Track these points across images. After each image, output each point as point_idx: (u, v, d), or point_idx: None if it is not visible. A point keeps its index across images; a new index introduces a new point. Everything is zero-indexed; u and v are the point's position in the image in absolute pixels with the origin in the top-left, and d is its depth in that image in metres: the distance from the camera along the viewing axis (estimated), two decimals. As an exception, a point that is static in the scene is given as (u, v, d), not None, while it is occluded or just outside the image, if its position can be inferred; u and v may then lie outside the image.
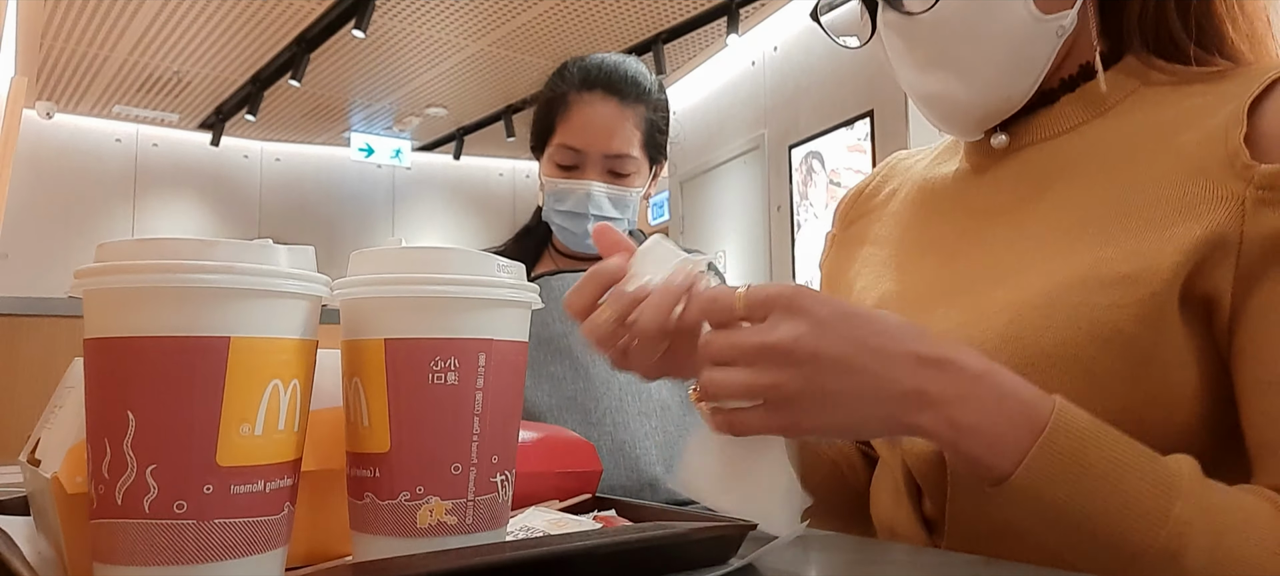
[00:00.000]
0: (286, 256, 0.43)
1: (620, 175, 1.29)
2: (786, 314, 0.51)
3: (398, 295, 0.48)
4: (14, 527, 0.55)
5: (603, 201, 1.28)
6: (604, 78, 1.29)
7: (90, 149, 7.05)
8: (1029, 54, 0.66)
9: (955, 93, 0.68)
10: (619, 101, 1.28)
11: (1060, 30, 0.65)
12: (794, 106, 4.92)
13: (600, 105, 1.28)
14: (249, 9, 5.20)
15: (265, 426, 0.41)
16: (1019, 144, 0.71)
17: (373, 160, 7.63)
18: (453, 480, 0.47)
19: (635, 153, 1.29)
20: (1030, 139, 0.70)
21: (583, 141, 1.27)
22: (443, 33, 5.56)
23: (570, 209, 1.28)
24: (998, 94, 0.68)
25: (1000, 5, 0.65)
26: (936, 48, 0.68)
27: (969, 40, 0.66)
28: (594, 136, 1.27)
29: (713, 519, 0.56)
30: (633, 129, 1.29)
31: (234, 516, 0.40)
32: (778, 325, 0.51)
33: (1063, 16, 0.65)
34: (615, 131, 1.28)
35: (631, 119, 1.29)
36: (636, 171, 1.30)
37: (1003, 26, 0.65)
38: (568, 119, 1.29)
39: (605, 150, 1.27)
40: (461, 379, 0.48)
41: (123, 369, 0.40)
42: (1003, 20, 0.65)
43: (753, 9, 5.17)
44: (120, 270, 0.40)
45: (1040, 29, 0.65)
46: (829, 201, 4.59)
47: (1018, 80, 0.67)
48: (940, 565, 0.56)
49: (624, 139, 1.28)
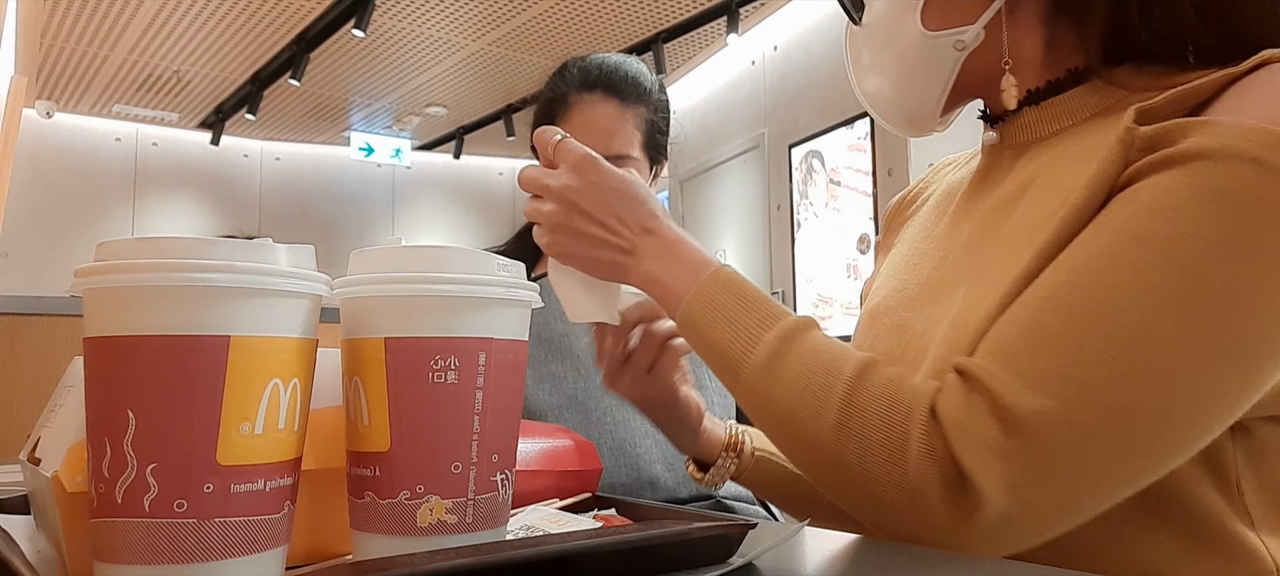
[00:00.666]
0: (286, 255, 0.43)
1: None
2: (571, 169, 0.69)
3: (398, 294, 0.48)
4: (14, 526, 0.55)
5: None
6: (605, 78, 1.29)
7: (90, 148, 7.05)
8: (928, 67, 0.71)
9: (884, 93, 0.75)
10: (620, 102, 1.28)
11: (959, 44, 0.69)
12: (794, 106, 4.92)
13: (601, 106, 1.28)
14: (249, 9, 5.19)
15: (265, 425, 0.41)
16: (1013, 142, 0.72)
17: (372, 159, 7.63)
18: (453, 479, 0.47)
19: (636, 153, 1.28)
20: (1022, 138, 0.71)
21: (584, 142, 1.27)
22: (443, 32, 5.56)
23: None
24: (912, 99, 0.73)
25: (900, 21, 0.71)
26: (869, 54, 0.75)
27: (885, 49, 0.73)
28: (595, 138, 1.26)
29: (713, 519, 0.56)
30: (633, 130, 1.28)
31: (234, 515, 0.40)
32: (561, 175, 0.70)
33: (960, 32, 0.68)
34: (616, 132, 1.27)
35: (632, 120, 1.28)
36: (638, 172, 1.29)
37: (903, 40, 0.71)
38: (568, 120, 1.28)
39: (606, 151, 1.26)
40: (461, 378, 0.48)
41: (123, 368, 0.40)
42: (902, 35, 0.71)
43: (753, 9, 5.16)
44: (120, 269, 0.40)
45: (934, 44, 0.69)
46: (829, 200, 4.59)
47: (924, 89, 0.72)
48: (940, 565, 0.56)
49: (625, 140, 1.28)
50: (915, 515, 0.55)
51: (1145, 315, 0.51)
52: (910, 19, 0.69)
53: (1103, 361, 0.51)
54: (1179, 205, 0.52)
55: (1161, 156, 0.54)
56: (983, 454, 0.52)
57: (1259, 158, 0.51)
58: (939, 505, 0.54)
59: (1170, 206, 0.52)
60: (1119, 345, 0.51)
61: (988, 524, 0.53)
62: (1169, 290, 0.51)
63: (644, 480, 1.21)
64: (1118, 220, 0.54)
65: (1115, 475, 0.53)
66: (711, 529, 0.53)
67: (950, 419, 0.54)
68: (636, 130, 1.29)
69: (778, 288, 4.92)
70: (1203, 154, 0.52)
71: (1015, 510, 0.52)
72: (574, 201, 0.68)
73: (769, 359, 0.61)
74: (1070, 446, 0.51)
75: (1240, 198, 0.51)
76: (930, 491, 0.54)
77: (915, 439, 0.54)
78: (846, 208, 4.45)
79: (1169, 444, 0.53)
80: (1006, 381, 0.53)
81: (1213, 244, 0.51)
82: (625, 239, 0.69)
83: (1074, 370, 0.52)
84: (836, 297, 4.48)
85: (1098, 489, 0.53)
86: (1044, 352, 0.53)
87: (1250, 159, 0.51)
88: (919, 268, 0.76)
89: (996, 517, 0.53)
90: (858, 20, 0.75)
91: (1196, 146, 0.53)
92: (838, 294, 4.47)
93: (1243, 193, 0.51)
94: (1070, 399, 0.51)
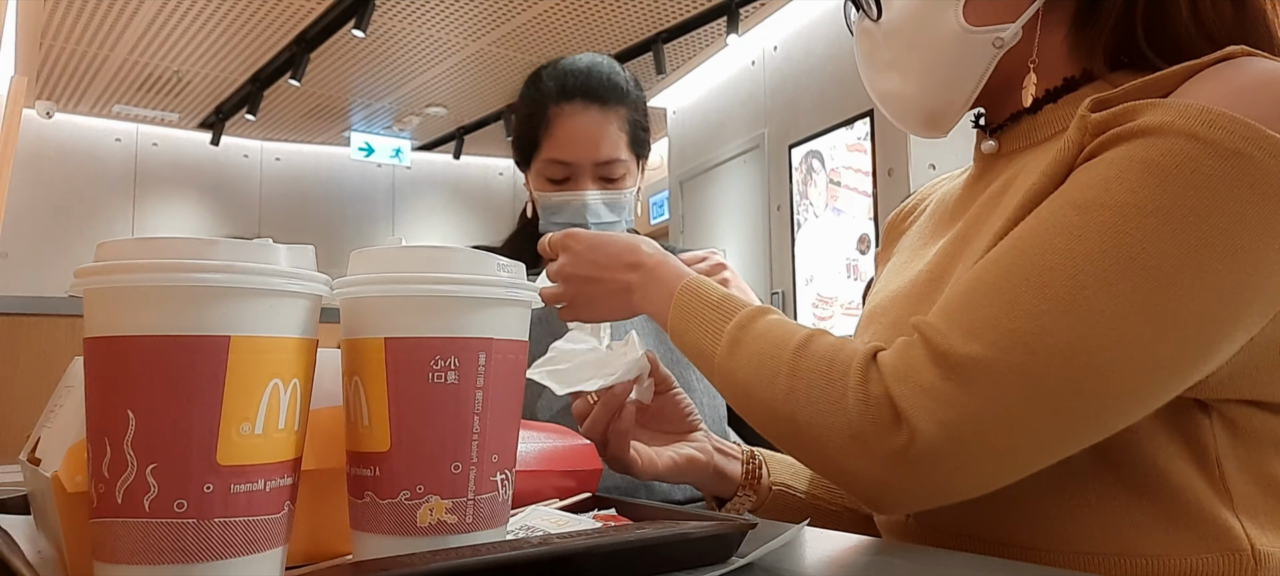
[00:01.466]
0: (286, 255, 0.43)
1: (612, 180, 1.27)
2: (562, 249, 0.82)
3: (398, 294, 0.48)
4: (14, 527, 0.55)
5: (599, 208, 1.27)
6: (581, 86, 1.27)
7: (90, 148, 7.05)
8: (963, 63, 0.70)
9: (904, 93, 0.74)
10: (600, 108, 1.26)
11: (997, 42, 0.68)
12: (794, 106, 4.92)
13: (583, 115, 1.26)
14: (249, 9, 5.20)
15: (265, 425, 0.41)
16: (1007, 149, 0.74)
17: (373, 159, 7.63)
18: (453, 479, 0.47)
19: (623, 155, 1.27)
20: (1015, 146, 0.73)
21: (571, 154, 1.25)
22: (443, 32, 5.56)
23: (567, 220, 1.26)
24: (938, 98, 0.72)
25: (936, 16, 0.69)
26: (890, 51, 0.73)
27: (912, 46, 0.71)
28: (582, 148, 1.25)
29: (713, 519, 0.56)
30: (618, 132, 1.27)
31: (234, 515, 0.40)
32: (557, 262, 0.82)
33: (1000, 29, 0.68)
34: (602, 138, 1.26)
35: (615, 122, 1.27)
36: (627, 173, 1.29)
37: (938, 35, 0.69)
38: (552, 133, 1.27)
39: (594, 159, 1.25)
40: (462, 378, 0.48)
41: (123, 368, 0.40)
42: (938, 30, 0.69)
43: (753, 9, 5.16)
44: (120, 269, 0.40)
45: (973, 40, 0.69)
46: (829, 201, 4.59)
47: (954, 87, 0.71)
48: (940, 565, 0.56)
49: (611, 144, 1.26)
50: (859, 457, 0.58)
51: (1077, 273, 0.54)
52: (950, 14, 0.68)
53: (1033, 315, 0.55)
54: (1118, 176, 0.55)
55: (1112, 134, 0.57)
56: (917, 393, 0.56)
57: (1198, 134, 0.53)
58: (877, 444, 0.57)
59: (1110, 177, 0.55)
60: (1050, 300, 0.54)
61: (922, 460, 0.56)
62: (1101, 249, 0.54)
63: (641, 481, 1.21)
64: (1065, 193, 0.58)
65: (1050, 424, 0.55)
66: (711, 529, 0.53)
67: (889, 364, 0.58)
68: (621, 132, 1.27)
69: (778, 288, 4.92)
70: (1147, 130, 0.55)
71: (948, 447, 0.55)
72: (573, 273, 0.80)
73: (730, 346, 0.67)
74: (1000, 390, 0.54)
75: (1176, 169, 0.53)
76: (868, 431, 0.57)
77: (853, 386, 0.59)
78: (846, 208, 4.45)
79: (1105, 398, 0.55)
80: (945, 331, 0.57)
81: (1146, 210, 0.53)
82: (619, 280, 0.78)
83: (1007, 321, 0.55)
84: (837, 298, 4.48)
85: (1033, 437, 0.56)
86: (983, 306, 0.57)
87: (1189, 134, 0.54)
88: (914, 269, 0.77)
89: (930, 453, 0.56)
90: (876, 16, 0.73)
91: (1143, 124, 0.56)
92: (838, 294, 4.47)
93: (1179, 165, 0.53)
94: (1001, 346, 0.55)
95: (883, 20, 0.73)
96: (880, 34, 0.74)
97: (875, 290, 0.84)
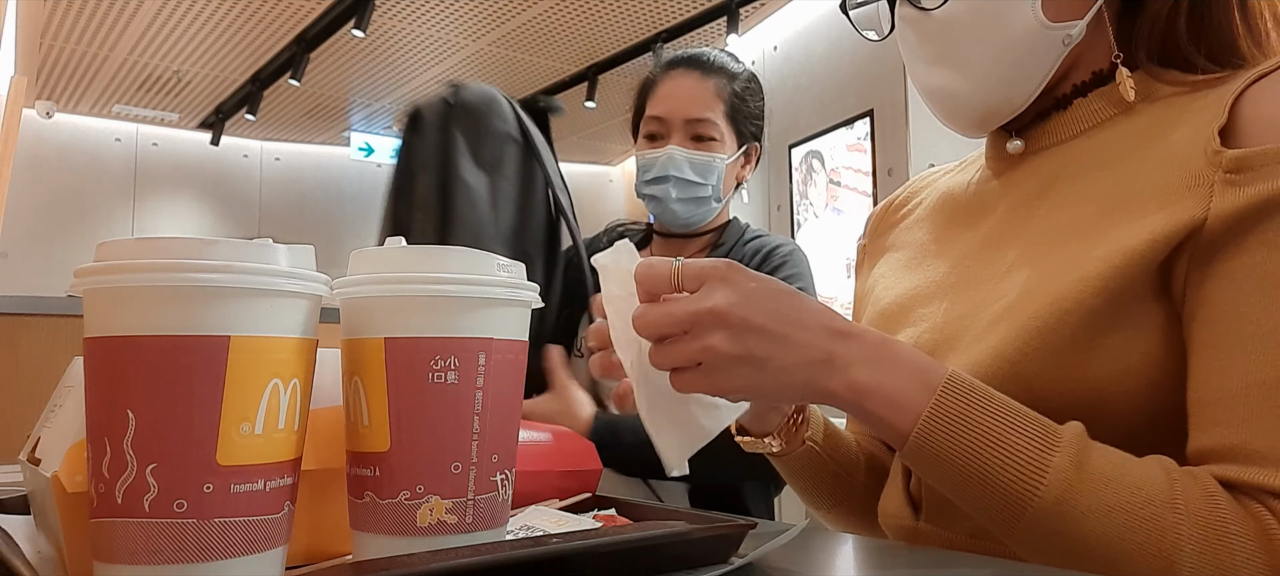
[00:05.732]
0: (286, 255, 0.43)
1: (702, 139, 1.31)
2: (721, 283, 0.55)
3: (398, 294, 0.48)
4: (14, 527, 0.55)
5: (683, 164, 1.29)
6: (687, 58, 1.34)
7: (90, 148, 7.04)
8: (1033, 59, 0.68)
9: (959, 89, 0.70)
10: (700, 73, 1.32)
11: (1067, 39, 0.67)
12: (794, 106, 4.91)
13: (682, 77, 1.32)
14: (249, 9, 5.19)
15: (265, 425, 0.41)
16: (1033, 148, 0.73)
17: (373, 160, 7.62)
18: (453, 479, 0.47)
19: (716, 119, 1.31)
20: (1043, 144, 0.72)
21: (665, 110, 1.31)
22: (443, 32, 5.56)
23: (655, 175, 1.30)
24: (998, 95, 0.69)
25: (1009, 9, 0.66)
26: (945, 44, 0.70)
27: (976, 40, 0.68)
28: (675, 104, 1.31)
29: (713, 519, 0.56)
30: (713, 97, 1.31)
31: (234, 515, 0.40)
32: (712, 293, 0.55)
33: (1071, 26, 0.67)
34: (695, 97, 1.30)
35: (712, 87, 1.31)
36: (720, 139, 1.31)
37: (1009, 30, 0.67)
38: (654, 96, 1.33)
39: (686, 115, 1.30)
40: (461, 378, 0.48)
41: (123, 368, 0.40)
42: (1010, 24, 0.66)
43: (753, 9, 5.16)
44: (120, 269, 0.40)
45: (1046, 37, 0.67)
46: (829, 201, 4.59)
47: (1020, 84, 0.69)
48: (940, 565, 0.56)
49: (703, 104, 1.30)
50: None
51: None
52: (1026, 7, 0.66)
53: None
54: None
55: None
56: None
57: None
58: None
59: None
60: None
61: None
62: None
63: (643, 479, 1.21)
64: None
65: None
66: (711, 529, 0.53)
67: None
68: (717, 98, 1.31)
69: (778, 288, 4.92)
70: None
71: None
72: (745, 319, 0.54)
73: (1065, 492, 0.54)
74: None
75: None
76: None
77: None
78: (846, 208, 4.45)
79: None
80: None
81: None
82: (816, 346, 0.56)
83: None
84: (837, 298, 4.48)
85: None
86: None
87: None
88: (933, 267, 0.76)
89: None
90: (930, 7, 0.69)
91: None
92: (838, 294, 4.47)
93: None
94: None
95: (940, 10, 0.68)
96: (934, 25, 0.69)
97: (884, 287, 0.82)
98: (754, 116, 1.36)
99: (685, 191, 1.30)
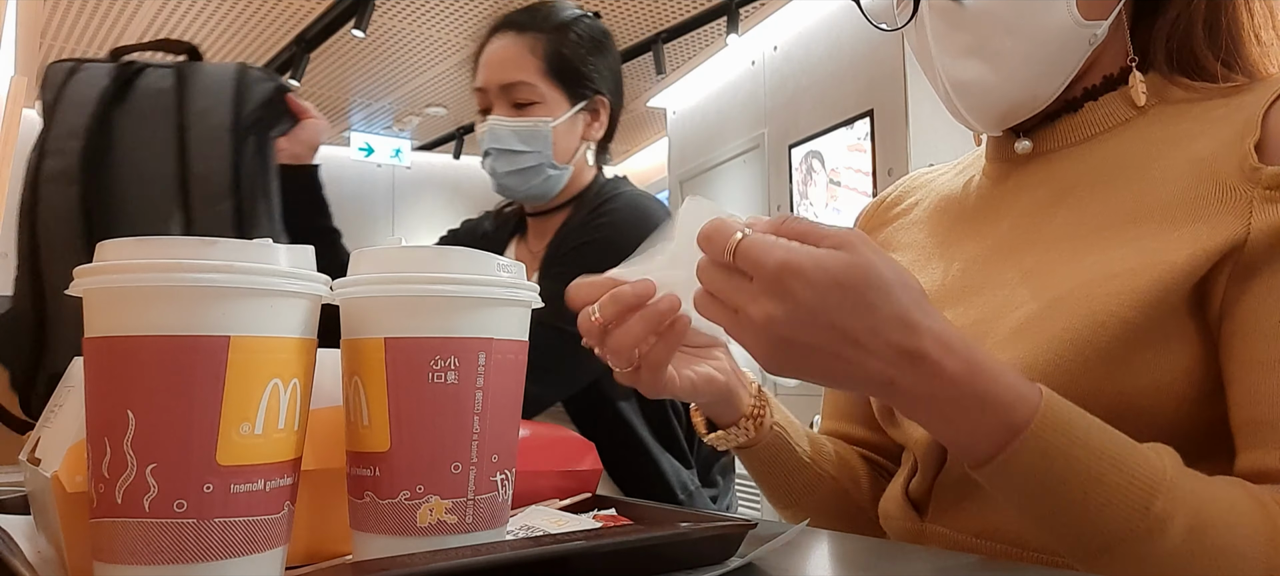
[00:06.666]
0: (286, 255, 0.43)
1: (521, 105, 1.23)
2: (772, 292, 0.48)
3: (398, 294, 0.48)
4: (14, 527, 0.55)
5: (502, 133, 1.22)
6: (504, 19, 1.27)
7: (90, 149, 7.04)
8: (1062, 57, 0.68)
9: (988, 82, 0.69)
10: (515, 33, 1.24)
11: (1093, 38, 0.67)
12: (794, 106, 4.91)
13: (496, 42, 1.26)
14: (248, 9, 5.19)
15: (265, 425, 0.41)
16: (1041, 150, 0.73)
17: (372, 160, 7.62)
18: (453, 479, 0.47)
19: (532, 80, 1.22)
20: (1051, 146, 0.72)
21: (483, 78, 1.25)
22: (443, 33, 5.56)
23: (484, 150, 1.24)
24: (1027, 91, 0.69)
25: (1046, 4, 0.66)
26: (977, 36, 0.69)
27: (1009, 33, 0.67)
28: (491, 71, 1.24)
29: (713, 519, 0.56)
30: (528, 55, 1.23)
31: (234, 515, 0.40)
32: (757, 298, 0.49)
33: (1098, 25, 0.67)
34: (506, 60, 1.23)
35: (527, 45, 1.23)
36: (541, 101, 1.23)
37: (1043, 25, 0.67)
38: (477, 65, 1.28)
39: (500, 81, 1.23)
40: (461, 378, 0.48)
41: (123, 368, 0.40)
42: (1046, 19, 0.67)
43: (753, 9, 5.16)
44: (120, 270, 0.40)
45: (1077, 34, 0.67)
46: (829, 201, 4.59)
47: (1047, 80, 0.69)
48: (940, 565, 0.56)
49: (516, 66, 1.22)
50: None
51: None
52: (1061, 5, 0.66)
53: None
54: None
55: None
56: None
57: None
58: None
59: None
60: None
61: None
62: None
63: None
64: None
65: None
66: (711, 529, 0.53)
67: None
68: (533, 55, 1.23)
69: (778, 288, 4.92)
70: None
71: None
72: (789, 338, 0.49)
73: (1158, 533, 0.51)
74: None
75: None
76: None
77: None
78: (846, 208, 4.45)
79: None
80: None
81: None
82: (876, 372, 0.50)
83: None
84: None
85: None
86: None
87: None
88: (937, 270, 0.76)
89: None
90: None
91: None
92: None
93: None
94: None
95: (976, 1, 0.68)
96: (967, 16, 0.68)
97: None
98: (586, 68, 1.25)
99: (510, 163, 1.22)
